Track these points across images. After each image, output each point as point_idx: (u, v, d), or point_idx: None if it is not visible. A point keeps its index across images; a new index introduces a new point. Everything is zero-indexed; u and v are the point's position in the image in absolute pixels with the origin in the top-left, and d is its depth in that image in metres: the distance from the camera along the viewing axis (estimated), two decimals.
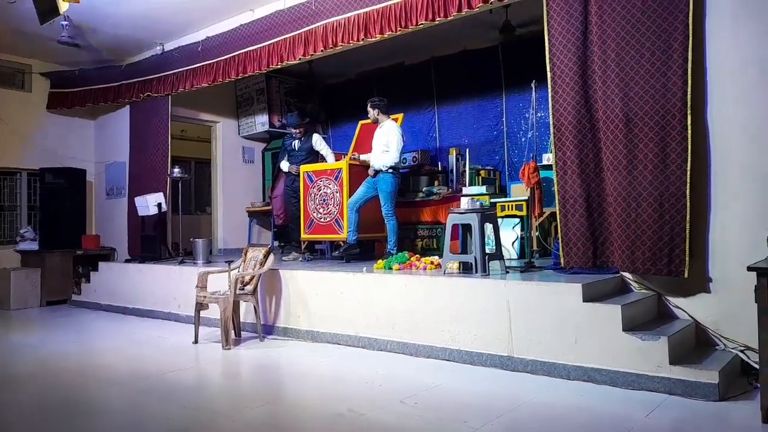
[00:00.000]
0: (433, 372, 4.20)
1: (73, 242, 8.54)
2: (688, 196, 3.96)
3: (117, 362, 4.85)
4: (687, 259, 3.96)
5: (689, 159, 3.96)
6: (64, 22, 7.04)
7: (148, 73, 8.14)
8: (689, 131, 3.97)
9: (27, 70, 8.78)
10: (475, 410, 3.36)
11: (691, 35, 3.97)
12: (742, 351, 3.87)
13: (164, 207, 7.68)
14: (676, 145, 4.01)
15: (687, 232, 3.96)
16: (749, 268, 3.07)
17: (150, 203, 7.61)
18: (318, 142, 7.09)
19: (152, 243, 7.81)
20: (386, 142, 6.12)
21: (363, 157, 6.50)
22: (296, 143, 7.16)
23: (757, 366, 3.34)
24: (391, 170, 6.09)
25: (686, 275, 3.98)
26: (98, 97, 8.67)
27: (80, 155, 9.18)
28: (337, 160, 6.80)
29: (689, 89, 3.97)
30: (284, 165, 7.28)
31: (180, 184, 7.87)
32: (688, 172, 3.96)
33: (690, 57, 3.98)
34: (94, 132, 9.51)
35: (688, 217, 3.96)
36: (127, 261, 8.10)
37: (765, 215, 3.46)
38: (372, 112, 6.31)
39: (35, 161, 8.64)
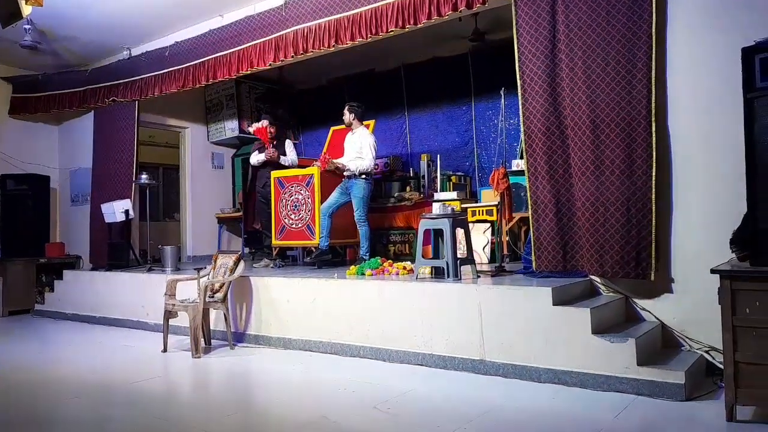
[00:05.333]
0: (406, 377, 4.20)
1: (36, 250, 8.31)
2: (653, 201, 4.05)
3: (82, 373, 4.73)
4: (653, 262, 4.06)
5: (654, 165, 4.06)
6: (27, 26, 6.89)
7: (115, 78, 7.98)
8: (654, 138, 4.07)
9: None
10: (447, 415, 3.37)
11: (654, 44, 4.08)
12: (706, 351, 3.96)
13: (131, 214, 7.55)
14: (642, 152, 4.10)
15: (653, 235, 4.05)
16: (713, 271, 3.14)
17: (117, 210, 7.47)
18: (288, 148, 7.07)
19: (119, 250, 7.66)
20: (359, 149, 6.12)
21: (337, 161, 6.41)
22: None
23: (721, 366, 3.43)
24: (364, 176, 6.09)
25: (653, 278, 4.07)
26: (63, 102, 8.47)
27: (44, 161, 8.94)
28: (307, 166, 6.78)
29: (653, 97, 4.08)
30: (254, 158, 7.17)
31: (148, 191, 7.74)
32: (653, 178, 4.06)
33: (654, 65, 4.09)
34: (59, 138, 9.29)
35: (653, 221, 4.05)
36: (92, 269, 7.92)
37: (728, 218, 3.56)
38: (348, 116, 6.27)
39: None
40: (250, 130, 6.49)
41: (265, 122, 6.91)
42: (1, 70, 8.60)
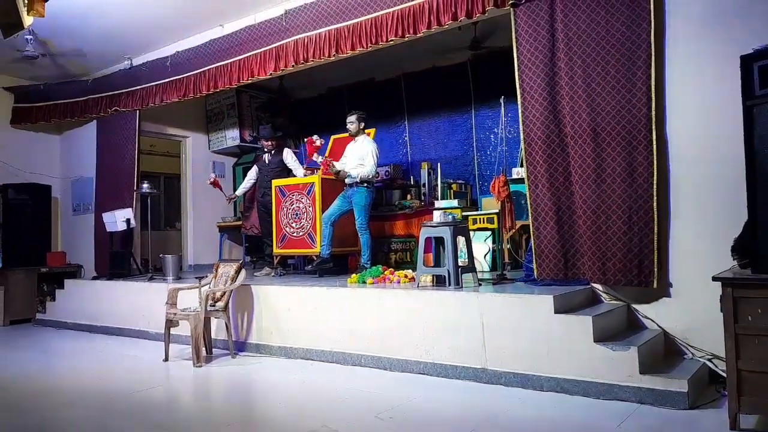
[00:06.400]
0: (407, 386, 4.18)
1: (37, 259, 8.32)
2: (655, 209, 4.06)
3: (83, 382, 4.72)
4: (656, 269, 4.06)
5: (655, 172, 4.07)
6: (29, 36, 6.92)
7: (116, 87, 8.02)
8: (654, 145, 4.08)
9: None
10: (449, 424, 3.36)
11: (653, 52, 4.10)
12: (709, 359, 3.95)
13: (133, 223, 7.55)
14: (643, 159, 4.11)
15: (655, 243, 4.06)
16: (714, 278, 3.14)
17: (118, 219, 7.47)
18: (288, 157, 7.06)
19: (121, 259, 7.66)
20: (361, 156, 6.12)
21: (338, 165, 6.30)
22: (266, 157, 7.13)
23: (724, 374, 3.41)
24: (365, 184, 6.09)
25: (655, 285, 4.08)
26: (64, 111, 8.51)
27: (45, 171, 8.96)
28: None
29: (653, 104, 4.09)
30: (239, 189, 7.47)
31: (149, 200, 7.75)
32: (655, 185, 4.07)
33: (653, 74, 4.10)
34: (60, 147, 9.32)
35: (655, 228, 4.06)
36: (94, 278, 7.92)
37: (730, 226, 3.56)
38: (357, 125, 6.23)
39: None
40: (315, 141, 6.28)
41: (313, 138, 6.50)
42: (3, 80, 8.65)
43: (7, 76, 8.64)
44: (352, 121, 6.24)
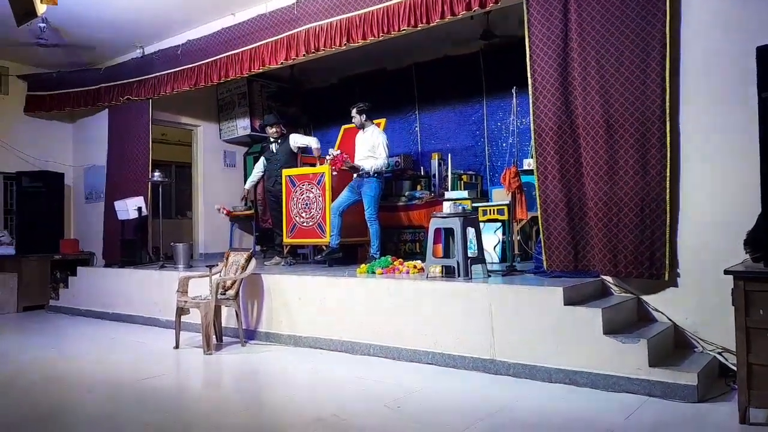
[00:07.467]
0: (416, 376, 4.20)
1: (50, 247, 8.41)
2: (667, 201, 4.03)
3: (95, 369, 4.78)
4: (667, 262, 4.04)
5: (668, 165, 4.03)
6: (42, 25, 6.94)
7: (128, 76, 8.05)
8: (668, 137, 4.04)
9: (4, 72, 8.63)
10: (457, 414, 3.37)
11: (668, 44, 4.05)
12: (719, 353, 3.93)
13: (144, 211, 7.60)
14: (656, 152, 4.08)
15: (667, 236, 4.03)
16: (726, 272, 3.12)
17: (130, 207, 7.53)
18: (295, 138, 7.05)
19: (132, 247, 7.72)
20: (372, 147, 6.12)
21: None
22: (274, 146, 7.13)
23: (734, 367, 3.40)
24: (376, 174, 6.09)
25: (666, 278, 4.06)
26: (77, 100, 8.56)
27: (58, 159, 9.05)
28: (319, 165, 6.80)
29: (668, 96, 4.05)
30: (248, 184, 7.53)
31: (160, 188, 7.79)
32: (668, 177, 4.03)
33: (668, 65, 4.06)
34: (73, 135, 9.39)
35: (668, 220, 4.03)
36: (106, 266, 7.99)
37: (743, 219, 3.52)
38: (359, 118, 6.26)
39: (12, 165, 8.49)
40: (327, 158, 6.16)
41: (334, 152, 6.20)
42: (16, 68, 8.71)
43: (20, 64, 8.70)
44: (353, 115, 6.29)
